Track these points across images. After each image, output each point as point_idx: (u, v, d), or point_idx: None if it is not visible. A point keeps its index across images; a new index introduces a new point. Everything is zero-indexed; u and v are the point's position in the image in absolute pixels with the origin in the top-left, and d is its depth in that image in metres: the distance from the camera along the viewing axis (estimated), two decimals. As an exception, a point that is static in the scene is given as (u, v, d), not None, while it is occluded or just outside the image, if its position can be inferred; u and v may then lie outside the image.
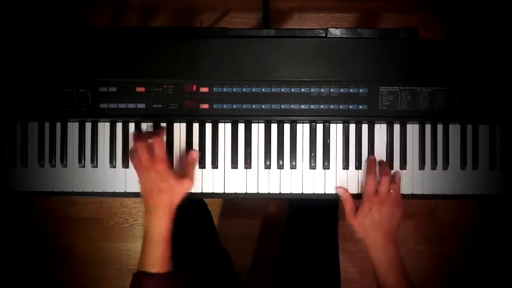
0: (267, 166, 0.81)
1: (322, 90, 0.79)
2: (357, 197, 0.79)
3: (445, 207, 1.46)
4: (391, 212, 0.75)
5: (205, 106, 0.79)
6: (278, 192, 0.81)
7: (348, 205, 0.78)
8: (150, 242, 0.72)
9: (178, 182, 0.74)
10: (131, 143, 0.81)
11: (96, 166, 0.82)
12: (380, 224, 0.74)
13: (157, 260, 0.71)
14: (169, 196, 0.73)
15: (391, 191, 0.75)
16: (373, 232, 0.74)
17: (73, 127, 0.82)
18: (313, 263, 0.93)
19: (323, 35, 0.80)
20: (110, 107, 0.79)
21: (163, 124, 0.81)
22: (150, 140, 0.75)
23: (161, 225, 0.72)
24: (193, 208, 1.05)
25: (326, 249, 0.96)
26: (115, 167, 0.82)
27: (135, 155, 0.75)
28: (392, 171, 0.80)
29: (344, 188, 0.79)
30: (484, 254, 1.46)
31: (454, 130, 0.82)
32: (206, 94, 0.79)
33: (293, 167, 0.81)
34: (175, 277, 0.73)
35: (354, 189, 0.81)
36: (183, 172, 0.77)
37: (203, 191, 0.82)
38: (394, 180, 0.77)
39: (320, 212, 0.98)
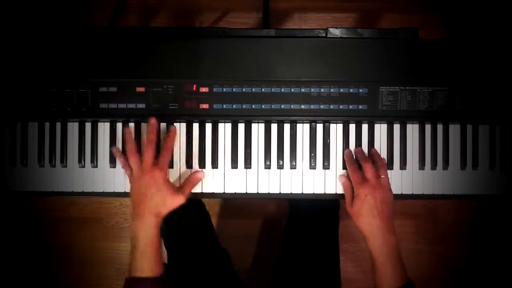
0: (267, 166, 0.81)
1: (322, 90, 0.79)
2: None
3: (445, 207, 1.46)
4: (384, 196, 0.74)
5: (205, 106, 0.79)
6: (278, 192, 0.81)
7: (348, 193, 0.78)
8: (138, 248, 0.71)
9: (172, 195, 0.73)
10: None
11: (96, 166, 0.82)
12: (377, 210, 0.73)
13: (145, 266, 0.70)
14: (158, 206, 0.72)
15: (382, 176, 0.76)
16: (371, 218, 0.73)
17: (73, 127, 0.82)
18: (313, 263, 0.93)
19: (323, 35, 0.80)
20: (110, 107, 0.79)
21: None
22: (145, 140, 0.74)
23: (148, 231, 0.71)
24: (191, 209, 1.05)
25: (326, 249, 0.95)
26: (115, 167, 0.82)
27: (132, 155, 0.75)
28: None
29: (346, 176, 0.79)
30: (484, 254, 1.45)
31: (454, 130, 0.82)
32: (206, 94, 0.79)
33: (293, 167, 0.81)
34: (164, 281, 0.72)
35: (354, 189, 0.81)
36: (180, 186, 0.77)
37: (203, 191, 0.81)
38: (379, 164, 0.77)
39: (321, 212, 0.97)
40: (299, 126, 0.82)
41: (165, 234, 1.02)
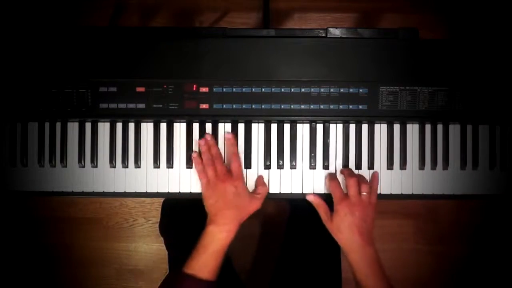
0: (267, 166, 0.81)
1: (322, 90, 0.79)
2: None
3: (445, 207, 1.45)
4: (364, 213, 0.75)
5: (205, 106, 0.79)
6: (278, 192, 0.81)
7: (322, 210, 0.79)
8: (208, 251, 0.73)
9: (251, 201, 0.76)
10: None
11: (96, 166, 0.82)
12: (356, 226, 0.74)
13: (212, 270, 0.72)
14: (240, 212, 0.75)
15: (363, 193, 0.76)
16: (350, 234, 0.74)
17: (73, 127, 0.82)
18: (314, 263, 0.93)
19: (323, 35, 0.80)
20: (110, 107, 0.79)
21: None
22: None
23: (226, 237, 0.74)
24: (192, 208, 1.05)
25: (327, 249, 0.95)
26: (115, 167, 0.82)
27: (210, 164, 0.77)
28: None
29: (314, 194, 0.80)
30: (484, 254, 1.45)
31: (454, 130, 0.82)
32: (206, 94, 0.79)
33: (293, 167, 0.81)
34: (216, 285, 0.73)
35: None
36: (255, 191, 0.79)
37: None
38: (362, 181, 0.77)
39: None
40: (299, 126, 0.82)
41: (165, 233, 1.02)
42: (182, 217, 0.98)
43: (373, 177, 0.80)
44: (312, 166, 0.81)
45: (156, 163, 0.81)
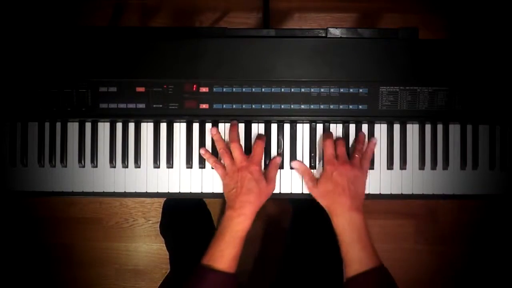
0: (267, 166, 0.81)
1: (322, 90, 0.79)
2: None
3: (445, 207, 1.46)
4: (354, 175, 0.74)
5: (205, 106, 0.79)
6: (278, 192, 0.81)
7: (306, 176, 0.78)
8: (226, 240, 0.71)
9: (267, 184, 0.76)
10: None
11: (96, 166, 0.82)
12: (343, 187, 0.72)
13: (229, 259, 0.70)
14: (258, 197, 0.74)
15: (355, 155, 0.76)
16: (337, 196, 0.72)
17: (73, 127, 0.82)
18: (317, 263, 0.93)
19: (323, 35, 0.80)
20: (110, 107, 0.79)
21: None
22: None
23: (245, 222, 0.73)
24: (192, 208, 1.05)
25: (330, 249, 0.95)
26: (115, 167, 0.82)
27: (226, 153, 0.77)
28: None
29: (299, 161, 0.80)
30: (484, 254, 1.46)
31: (454, 130, 0.82)
32: (206, 94, 0.79)
33: (292, 162, 0.81)
34: (236, 280, 0.71)
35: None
36: (266, 174, 0.78)
37: (203, 191, 0.81)
38: (357, 147, 0.77)
39: (324, 212, 0.97)
40: (299, 126, 0.82)
41: (166, 234, 1.02)
42: (183, 218, 0.98)
43: (368, 144, 0.79)
44: (312, 166, 0.81)
45: (156, 163, 0.81)
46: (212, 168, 0.81)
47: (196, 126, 0.82)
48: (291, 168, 0.81)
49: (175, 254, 0.98)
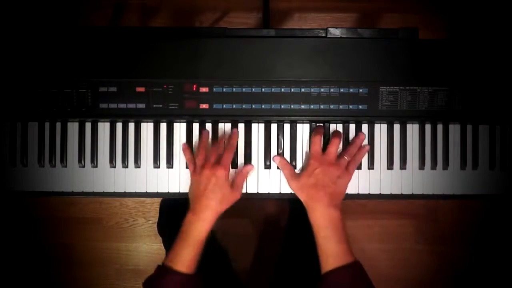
0: (267, 166, 0.81)
1: (322, 90, 0.79)
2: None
3: (445, 207, 1.46)
4: (337, 175, 0.74)
5: (205, 106, 0.79)
6: (278, 192, 0.81)
7: (287, 170, 0.78)
8: (186, 242, 0.72)
9: (231, 192, 0.75)
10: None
11: (96, 166, 0.82)
12: (323, 184, 0.73)
13: (187, 260, 0.71)
14: (219, 203, 0.74)
15: (345, 156, 0.76)
16: (316, 191, 0.73)
17: (73, 127, 0.82)
18: (314, 262, 0.93)
19: (323, 35, 0.80)
20: (110, 107, 0.79)
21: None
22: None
23: (203, 227, 0.73)
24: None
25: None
26: (115, 167, 0.82)
27: (200, 152, 0.77)
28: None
29: (279, 155, 0.80)
30: (484, 254, 1.45)
31: (454, 130, 0.82)
32: (206, 94, 0.79)
33: (293, 167, 0.81)
34: (196, 280, 0.73)
35: (354, 189, 0.81)
36: (234, 182, 0.78)
37: (203, 191, 0.81)
38: (350, 149, 0.77)
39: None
40: (299, 126, 0.82)
41: (163, 233, 1.02)
42: (180, 217, 0.98)
43: (361, 149, 0.79)
44: (312, 166, 0.81)
45: (156, 163, 0.81)
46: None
47: (196, 126, 0.82)
48: (278, 168, 0.81)
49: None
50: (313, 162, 0.75)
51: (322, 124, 0.81)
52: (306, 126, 0.82)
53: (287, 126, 0.82)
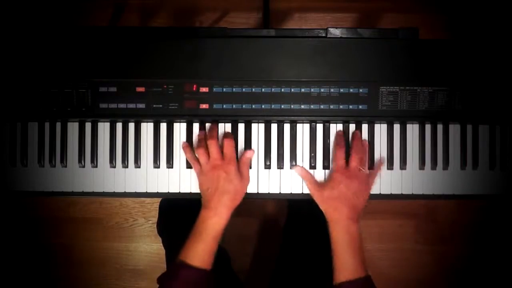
0: (267, 166, 0.81)
1: (322, 90, 0.79)
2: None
3: (445, 207, 1.45)
4: (359, 189, 0.75)
5: (205, 106, 0.79)
6: (278, 192, 0.81)
7: (309, 180, 0.79)
8: (201, 237, 0.72)
9: (241, 183, 0.76)
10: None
11: (96, 166, 0.82)
12: (347, 197, 0.74)
13: (202, 256, 0.72)
14: (233, 196, 0.74)
15: (362, 169, 0.76)
16: (339, 203, 0.74)
17: (73, 127, 0.82)
18: (313, 263, 0.93)
19: (323, 35, 0.80)
20: (110, 107, 0.79)
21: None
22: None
23: (219, 223, 0.74)
24: (189, 208, 1.05)
25: (326, 249, 0.95)
26: (115, 167, 0.82)
27: (201, 151, 0.76)
28: (381, 165, 0.81)
29: (300, 166, 0.81)
30: (484, 254, 1.45)
31: (454, 130, 0.82)
32: (206, 94, 0.79)
33: (293, 167, 0.81)
34: (211, 276, 0.73)
35: (354, 189, 0.80)
36: (240, 173, 0.77)
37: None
38: (363, 159, 0.77)
39: (320, 211, 0.97)
40: (299, 126, 0.82)
41: (163, 233, 1.02)
42: (180, 217, 0.98)
43: (377, 163, 0.81)
44: (312, 166, 0.81)
45: (156, 163, 0.81)
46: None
47: (196, 126, 0.82)
48: (291, 168, 0.81)
49: (172, 254, 0.98)
50: (338, 175, 0.76)
51: (342, 130, 0.81)
52: (306, 126, 0.82)
53: (287, 126, 0.82)
